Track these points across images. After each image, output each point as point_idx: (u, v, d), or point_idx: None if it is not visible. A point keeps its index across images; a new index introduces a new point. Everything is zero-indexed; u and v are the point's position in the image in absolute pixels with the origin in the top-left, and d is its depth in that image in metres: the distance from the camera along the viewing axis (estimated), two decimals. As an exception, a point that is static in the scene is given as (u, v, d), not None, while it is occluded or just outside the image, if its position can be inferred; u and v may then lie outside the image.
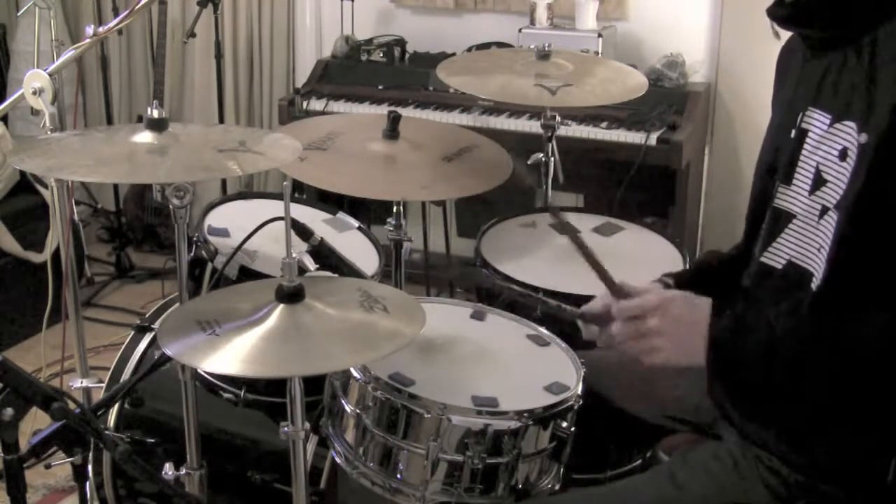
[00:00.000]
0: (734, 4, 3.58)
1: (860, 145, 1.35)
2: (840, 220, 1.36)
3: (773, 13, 1.48)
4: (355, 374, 1.65)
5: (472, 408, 1.59)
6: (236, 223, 2.13)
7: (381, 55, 3.86)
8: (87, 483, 2.20)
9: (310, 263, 1.94)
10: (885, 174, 1.32)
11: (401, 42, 3.92)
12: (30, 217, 3.65)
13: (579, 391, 1.68)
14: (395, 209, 2.22)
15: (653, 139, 3.32)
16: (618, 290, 1.54)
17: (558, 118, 2.57)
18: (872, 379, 1.35)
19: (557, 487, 1.69)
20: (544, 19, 3.65)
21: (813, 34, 1.48)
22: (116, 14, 3.62)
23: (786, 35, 1.54)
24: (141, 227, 4.31)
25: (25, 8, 3.15)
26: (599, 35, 3.51)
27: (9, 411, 1.61)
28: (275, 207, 2.14)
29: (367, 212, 3.14)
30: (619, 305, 1.51)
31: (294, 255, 1.49)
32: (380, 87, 3.76)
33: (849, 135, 1.37)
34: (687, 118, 3.42)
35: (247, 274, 1.97)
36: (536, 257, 2.29)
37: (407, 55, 3.94)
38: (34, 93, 2.10)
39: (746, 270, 1.57)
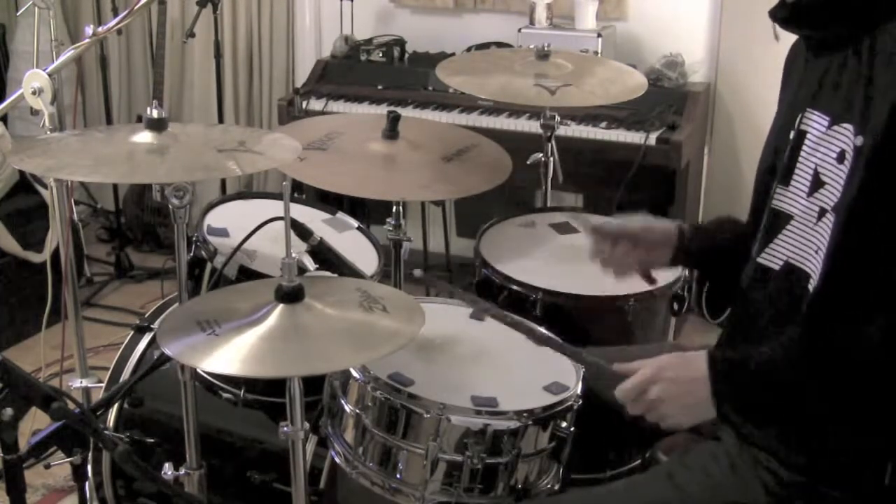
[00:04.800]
0: (734, 4, 3.58)
1: (856, 148, 1.34)
2: (837, 223, 1.36)
3: (774, 14, 1.48)
4: (355, 374, 1.65)
5: (472, 408, 1.59)
6: (236, 223, 2.13)
7: (381, 55, 3.86)
8: (87, 483, 2.20)
9: (309, 263, 1.94)
10: (881, 177, 1.31)
11: (400, 42, 3.92)
12: (29, 217, 3.64)
13: (579, 391, 1.68)
14: (394, 209, 2.22)
15: (652, 139, 3.32)
16: (613, 376, 1.53)
17: (558, 118, 2.57)
18: (869, 380, 1.35)
19: (557, 487, 1.69)
20: (544, 19, 3.65)
21: (813, 35, 1.48)
22: (116, 14, 3.63)
23: (784, 36, 1.54)
24: (140, 227, 4.31)
25: (25, 8, 3.14)
26: (599, 35, 3.50)
27: (9, 411, 1.61)
28: (274, 207, 2.13)
29: (367, 212, 3.14)
30: (617, 392, 1.50)
31: (293, 255, 1.49)
32: (379, 87, 3.75)
33: (846, 137, 1.37)
34: (686, 118, 3.42)
35: (246, 274, 1.96)
36: (536, 257, 2.29)
37: (406, 55, 3.93)
38: (34, 93, 2.10)
39: (745, 271, 1.57)
